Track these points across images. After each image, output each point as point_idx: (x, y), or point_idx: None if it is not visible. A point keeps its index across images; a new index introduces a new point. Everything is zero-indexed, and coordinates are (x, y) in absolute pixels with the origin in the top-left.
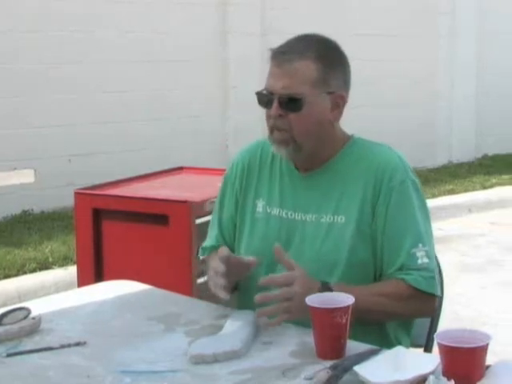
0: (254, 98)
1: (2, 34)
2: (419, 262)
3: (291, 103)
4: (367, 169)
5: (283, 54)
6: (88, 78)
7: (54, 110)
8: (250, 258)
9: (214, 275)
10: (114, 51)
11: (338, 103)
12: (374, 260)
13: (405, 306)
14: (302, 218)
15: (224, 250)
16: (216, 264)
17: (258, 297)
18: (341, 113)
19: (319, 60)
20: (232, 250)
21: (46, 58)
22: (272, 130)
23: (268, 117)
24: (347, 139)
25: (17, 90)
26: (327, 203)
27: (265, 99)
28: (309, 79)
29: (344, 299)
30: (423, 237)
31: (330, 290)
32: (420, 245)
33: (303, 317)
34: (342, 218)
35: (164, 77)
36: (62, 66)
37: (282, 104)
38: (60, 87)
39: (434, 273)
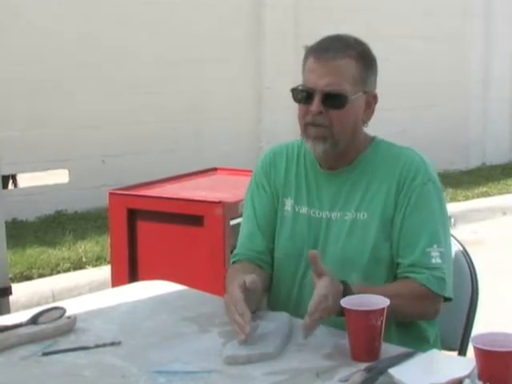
0: (288, 99)
1: (33, 35)
2: (433, 261)
3: (334, 100)
4: (391, 169)
5: (326, 51)
6: (121, 79)
7: (87, 111)
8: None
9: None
10: (148, 52)
11: (371, 103)
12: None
13: (415, 306)
14: (328, 216)
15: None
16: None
17: (306, 322)
18: (372, 112)
19: (360, 59)
20: (269, 244)
21: (78, 59)
22: (306, 126)
23: (304, 113)
24: (370, 140)
25: (50, 91)
26: (351, 201)
27: (303, 95)
28: (351, 77)
29: (379, 301)
30: (440, 238)
31: (351, 294)
32: (435, 245)
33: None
34: (364, 215)
35: (198, 78)
36: (95, 68)
37: (324, 101)
38: (94, 88)
39: (445, 275)
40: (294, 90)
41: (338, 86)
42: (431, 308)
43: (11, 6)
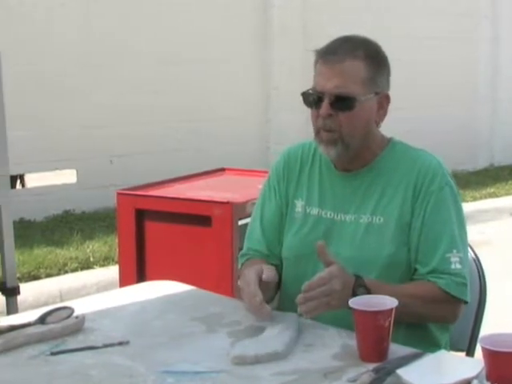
0: (296, 100)
1: (39, 36)
2: (452, 266)
3: (343, 103)
4: (408, 172)
5: (334, 54)
6: (130, 78)
7: (95, 111)
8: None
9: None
10: (159, 52)
11: (383, 103)
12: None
13: (433, 309)
14: (342, 218)
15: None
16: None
17: (300, 298)
18: (385, 113)
19: (368, 59)
20: (272, 248)
21: (85, 60)
22: (319, 130)
23: (316, 117)
24: (387, 142)
25: (58, 91)
26: (366, 204)
27: (313, 99)
28: (360, 78)
29: (387, 302)
30: (458, 243)
31: (363, 286)
32: (454, 250)
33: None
34: (380, 219)
35: (206, 78)
36: (104, 67)
37: (332, 104)
38: (101, 88)
39: (466, 280)
40: (304, 94)
41: (345, 89)
42: (449, 312)
43: (11, 5)
